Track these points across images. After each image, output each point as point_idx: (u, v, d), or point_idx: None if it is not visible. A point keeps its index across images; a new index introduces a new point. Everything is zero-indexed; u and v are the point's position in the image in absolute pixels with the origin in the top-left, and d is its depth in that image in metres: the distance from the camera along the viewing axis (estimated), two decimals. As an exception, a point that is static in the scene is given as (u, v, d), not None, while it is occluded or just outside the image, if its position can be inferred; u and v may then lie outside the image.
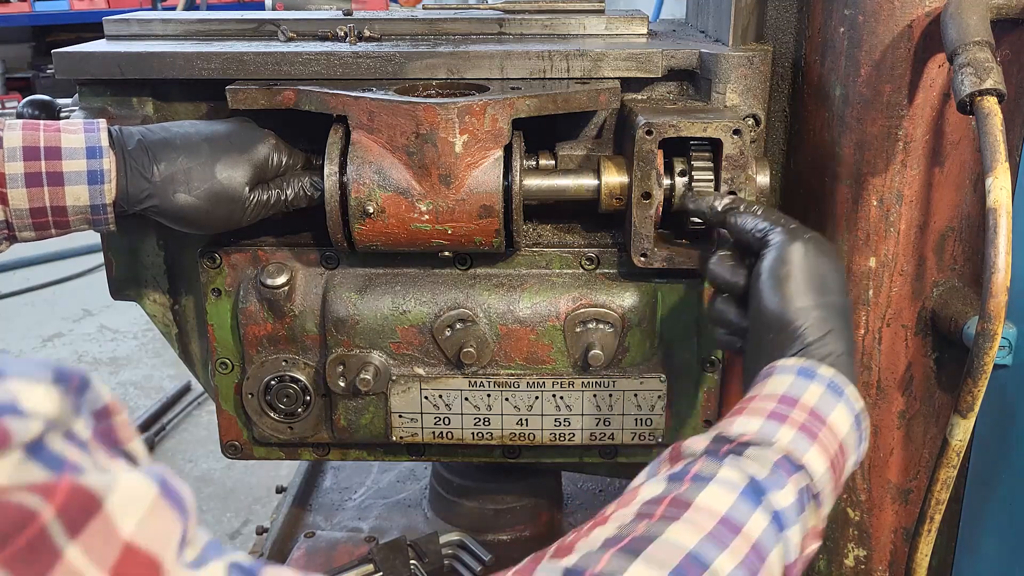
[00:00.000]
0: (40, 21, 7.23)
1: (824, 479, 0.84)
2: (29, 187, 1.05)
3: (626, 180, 1.16)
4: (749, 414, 0.87)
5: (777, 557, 0.78)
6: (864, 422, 0.91)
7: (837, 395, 0.88)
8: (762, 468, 0.81)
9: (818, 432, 0.85)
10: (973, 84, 0.93)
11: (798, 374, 0.89)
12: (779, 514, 0.79)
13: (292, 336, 1.25)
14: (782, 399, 0.87)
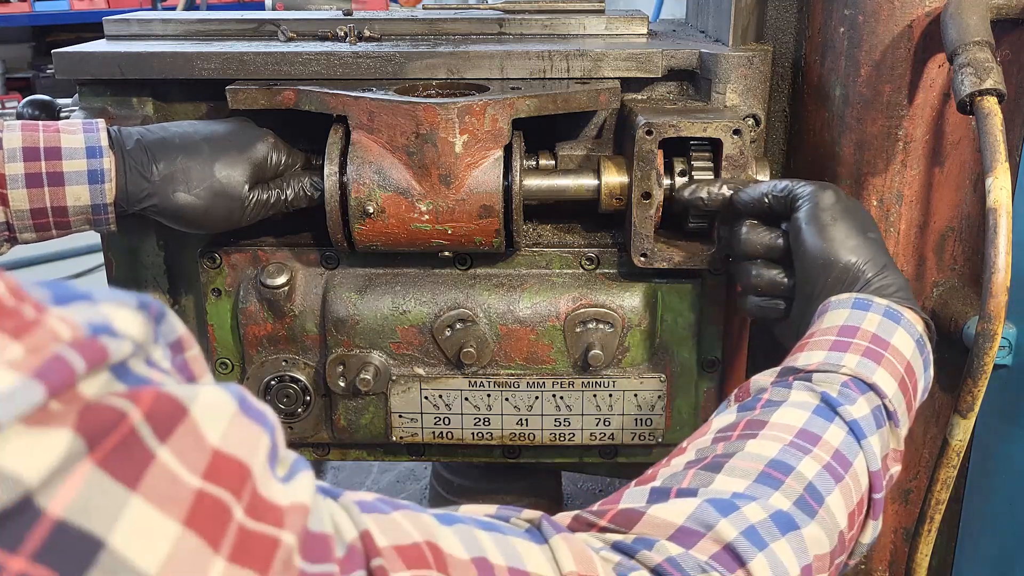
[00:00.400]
0: (40, 21, 7.23)
1: (897, 398, 0.85)
2: (29, 188, 1.05)
3: (626, 180, 1.16)
4: (811, 348, 0.88)
5: (860, 464, 0.79)
6: (927, 347, 0.92)
7: (895, 321, 0.90)
8: (832, 389, 0.82)
9: (883, 355, 0.86)
10: (973, 84, 0.93)
11: (853, 306, 0.91)
12: (855, 424, 0.80)
13: (292, 336, 1.25)
14: (842, 330, 0.89)
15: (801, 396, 0.82)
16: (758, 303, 1.06)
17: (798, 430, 0.78)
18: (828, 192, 0.99)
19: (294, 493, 0.49)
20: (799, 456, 0.76)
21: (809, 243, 0.97)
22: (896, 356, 0.88)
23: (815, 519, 0.73)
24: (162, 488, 0.42)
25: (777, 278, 1.03)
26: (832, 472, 0.77)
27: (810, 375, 0.85)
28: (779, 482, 0.74)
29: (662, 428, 1.27)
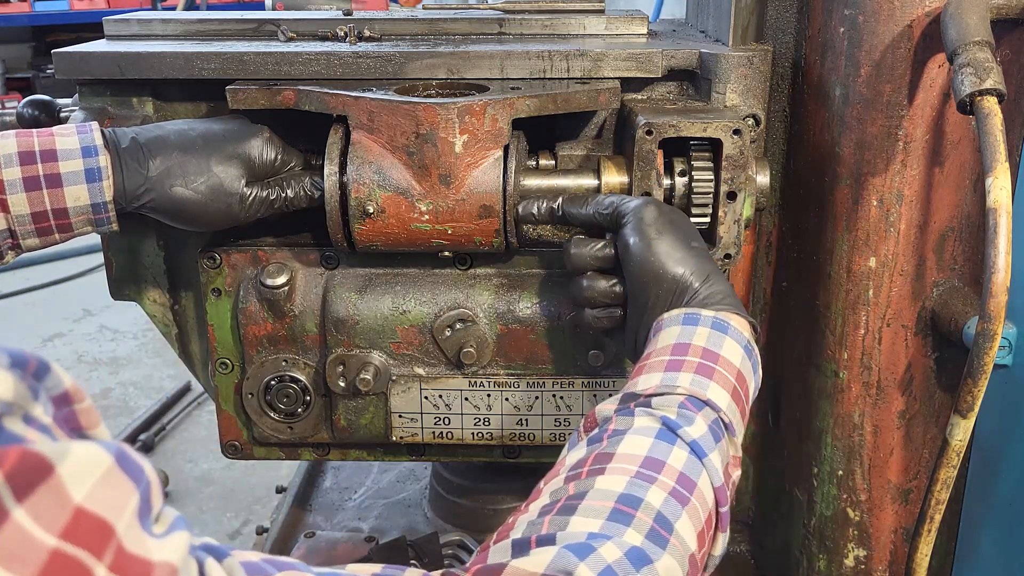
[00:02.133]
0: (40, 21, 7.23)
1: (731, 409, 0.90)
2: (28, 191, 1.05)
3: (626, 180, 1.16)
4: (648, 371, 0.92)
5: (704, 482, 0.83)
6: (754, 351, 0.97)
7: (723, 331, 0.94)
8: (671, 411, 0.86)
9: (714, 368, 0.91)
10: (973, 84, 0.93)
11: (683, 322, 0.95)
12: (695, 444, 0.84)
13: (292, 336, 1.25)
14: (675, 348, 0.93)
15: (643, 422, 0.86)
16: (594, 314, 1.09)
17: (643, 459, 0.82)
18: (651, 207, 1.03)
19: (166, 550, 0.49)
20: (646, 487, 0.79)
21: (637, 257, 1.01)
22: (727, 367, 0.92)
23: (667, 550, 0.76)
24: (11, 547, 0.41)
25: (610, 287, 1.06)
26: (678, 497, 0.80)
27: (649, 400, 0.88)
28: (630, 517, 0.77)
29: (662, 428, 1.27)
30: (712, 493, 0.83)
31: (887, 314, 1.17)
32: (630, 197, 1.06)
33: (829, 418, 1.24)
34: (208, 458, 3.23)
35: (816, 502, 1.30)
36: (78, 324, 4.46)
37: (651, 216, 1.02)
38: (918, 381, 1.20)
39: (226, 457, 1.36)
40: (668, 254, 0.99)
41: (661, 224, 1.01)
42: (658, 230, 1.01)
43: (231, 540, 2.81)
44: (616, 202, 1.06)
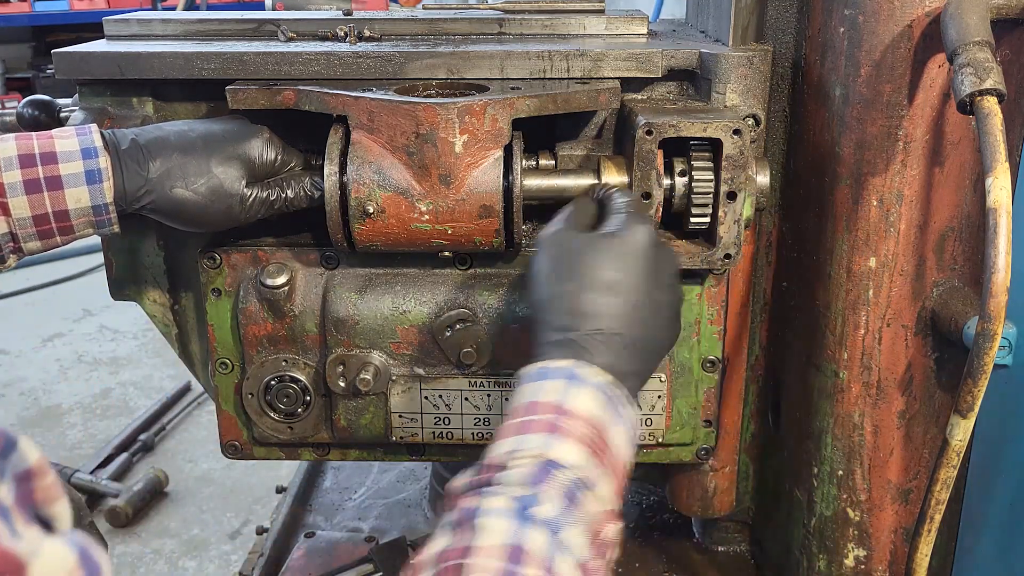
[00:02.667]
0: (40, 21, 7.23)
1: (587, 464, 0.86)
2: (29, 194, 1.05)
3: (626, 180, 1.16)
4: (502, 435, 0.90)
5: (564, 563, 0.80)
6: (616, 391, 0.92)
7: (573, 381, 0.91)
8: (522, 486, 0.83)
9: (559, 425, 0.87)
10: (973, 84, 0.93)
11: (536, 378, 0.92)
12: (550, 523, 0.81)
13: (292, 336, 1.25)
14: (527, 408, 0.90)
15: (497, 503, 0.82)
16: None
17: (507, 550, 0.78)
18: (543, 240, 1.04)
19: None
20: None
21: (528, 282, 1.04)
22: (579, 421, 0.88)
23: None
24: None
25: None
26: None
27: (495, 474, 0.86)
28: None
29: (662, 428, 1.27)
30: (577, 572, 0.81)
31: (887, 314, 1.17)
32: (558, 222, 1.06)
33: (829, 418, 1.24)
34: (208, 458, 3.23)
35: (816, 502, 1.30)
36: (78, 324, 4.46)
37: (542, 247, 1.03)
38: (918, 381, 1.20)
39: (226, 457, 1.36)
40: (536, 292, 1.00)
41: (543, 258, 1.02)
42: (537, 265, 1.02)
43: (231, 540, 2.81)
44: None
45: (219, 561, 2.71)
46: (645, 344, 0.97)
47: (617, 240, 0.99)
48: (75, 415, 3.58)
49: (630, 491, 1.78)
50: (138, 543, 2.78)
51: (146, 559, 2.72)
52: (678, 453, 1.33)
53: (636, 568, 1.56)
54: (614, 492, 0.88)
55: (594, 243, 0.99)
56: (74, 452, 3.31)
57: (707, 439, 1.31)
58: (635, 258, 0.98)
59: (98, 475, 3.04)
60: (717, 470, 1.41)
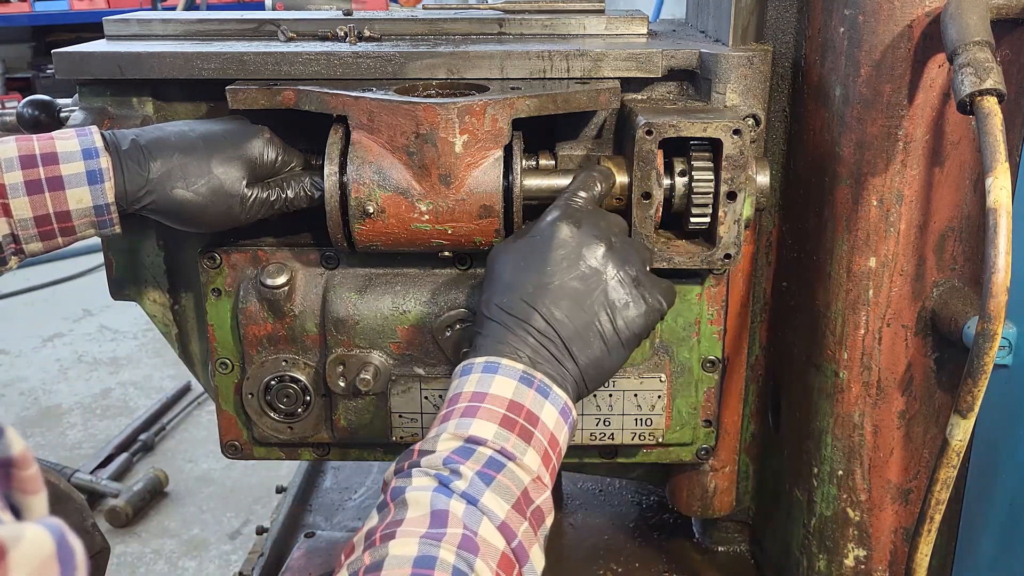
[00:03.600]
0: (40, 21, 7.23)
1: (506, 437, 0.93)
2: (30, 195, 1.05)
3: (626, 180, 1.16)
4: (433, 426, 0.97)
5: (486, 527, 0.86)
6: (535, 373, 0.99)
7: (492, 371, 0.98)
8: (444, 465, 0.90)
9: (479, 407, 0.95)
10: (973, 84, 0.93)
11: (459, 375, 1.01)
12: (466, 493, 0.87)
13: (292, 336, 1.25)
14: (450, 400, 0.99)
15: (422, 482, 0.89)
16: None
17: (430, 517, 0.85)
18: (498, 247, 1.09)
19: None
20: (436, 545, 0.82)
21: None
22: (494, 402, 0.95)
23: None
24: None
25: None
26: (469, 547, 0.83)
27: (420, 459, 0.92)
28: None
29: (662, 428, 1.27)
30: (498, 534, 0.86)
31: (887, 314, 1.17)
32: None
33: (829, 418, 1.24)
34: (208, 458, 3.23)
35: (816, 502, 1.30)
36: (78, 324, 4.46)
37: (493, 254, 1.08)
38: (918, 381, 1.20)
39: (226, 457, 1.36)
40: (483, 295, 1.06)
41: (491, 266, 1.07)
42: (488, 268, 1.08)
43: (231, 540, 2.81)
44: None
45: (219, 561, 2.71)
46: (562, 332, 1.02)
47: (520, 241, 1.07)
48: (75, 415, 3.58)
49: (630, 491, 1.79)
50: (138, 543, 2.78)
51: (146, 559, 2.72)
52: (678, 453, 1.33)
53: (636, 568, 1.56)
54: (540, 463, 0.94)
55: (502, 249, 1.08)
56: (74, 452, 3.31)
57: (707, 439, 1.31)
58: (531, 252, 1.05)
59: (98, 475, 3.05)
60: (717, 470, 1.41)
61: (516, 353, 1.00)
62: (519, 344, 1.00)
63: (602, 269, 1.05)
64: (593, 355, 1.03)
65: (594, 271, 1.04)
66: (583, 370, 1.02)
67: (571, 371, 1.01)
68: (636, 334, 1.06)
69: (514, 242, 1.08)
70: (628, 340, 1.05)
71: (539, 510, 0.92)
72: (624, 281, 1.05)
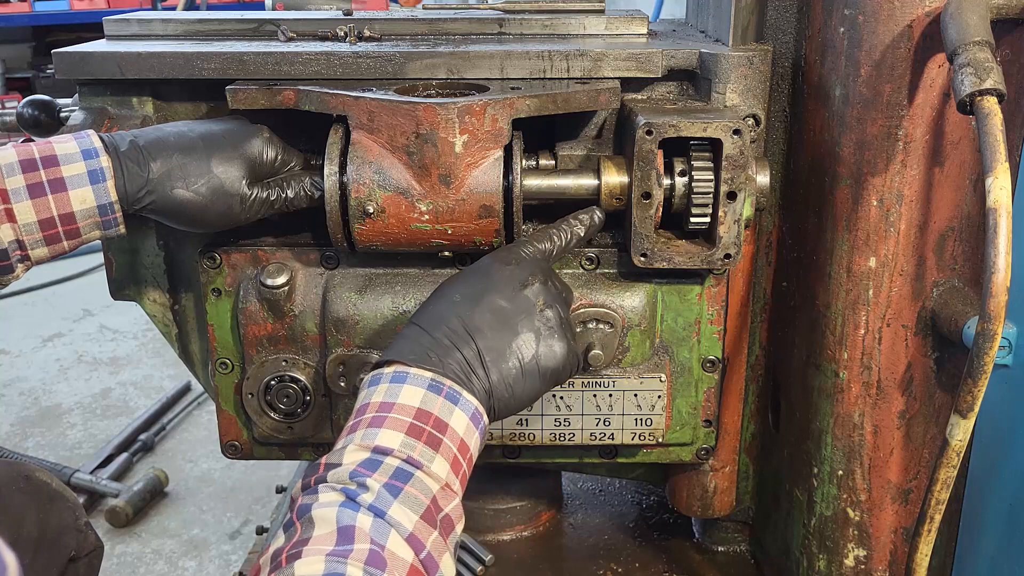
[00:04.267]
0: (40, 21, 7.22)
1: (412, 446, 0.92)
2: (33, 198, 1.05)
3: (626, 180, 1.16)
4: (342, 435, 0.95)
5: (395, 540, 0.85)
6: (444, 385, 0.97)
7: (400, 382, 0.97)
8: (350, 479, 0.88)
9: (386, 416, 0.94)
10: (973, 84, 0.93)
11: (368, 385, 0.99)
12: (373, 506, 0.86)
13: (292, 336, 1.25)
14: (358, 412, 0.97)
15: (327, 497, 0.87)
16: None
17: (336, 534, 0.83)
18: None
19: None
20: (343, 562, 0.80)
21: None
22: (402, 411, 0.94)
23: None
24: None
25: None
26: (376, 562, 0.82)
27: (326, 473, 0.90)
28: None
29: (662, 428, 1.27)
30: (406, 546, 0.85)
31: (887, 314, 1.17)
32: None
33: (829, 418, 1.24)
34: (208, 458, 3.23)
35: (816, 502, 1.30)
36: (78, 324, 4.46)
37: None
38: (918, 381, 1.20)
39: (226, 457, 1.36)
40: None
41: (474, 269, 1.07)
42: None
43: (231, 540, 2.81)
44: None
45: (219, 561, 2.70)
46: (479, 341, 1.00)
47: (466, 269, 1.09)
48: (75, 415, 3.58)
49: (630, 491, 1.79)
50: (138, 543, 2.78)
51: (146, 559, 2.72)
52: (678, 453, 1.33)
53: (636, 568, 1.56)
54: (449, 469, 0.93)
55: (449, 277, 1.09)
56: (74, 452, 3.31)
57: (707, 439, 1.31)
58: (470, 273, 1.06)
59: (98, 475, 3.04)
60: (717, 470, 1.41)
61: (427, 356, 0.98)
62: (432, 347, 0.99)
63: (534, 299, 1.05)
64: (508, 373, 1.01)
65: (525, 298, 1.04)
66: (494, 386, 1.00)
67: (481, 382, 0.99)
68: (554, 369, 1.04)
69: (461, 273, 1.09)
70: (544, 372, 1.03)
71: (448, 518, 0.91)
72: (553, 318, 1.05)
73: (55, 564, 1.29)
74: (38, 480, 1.31)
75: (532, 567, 1.56)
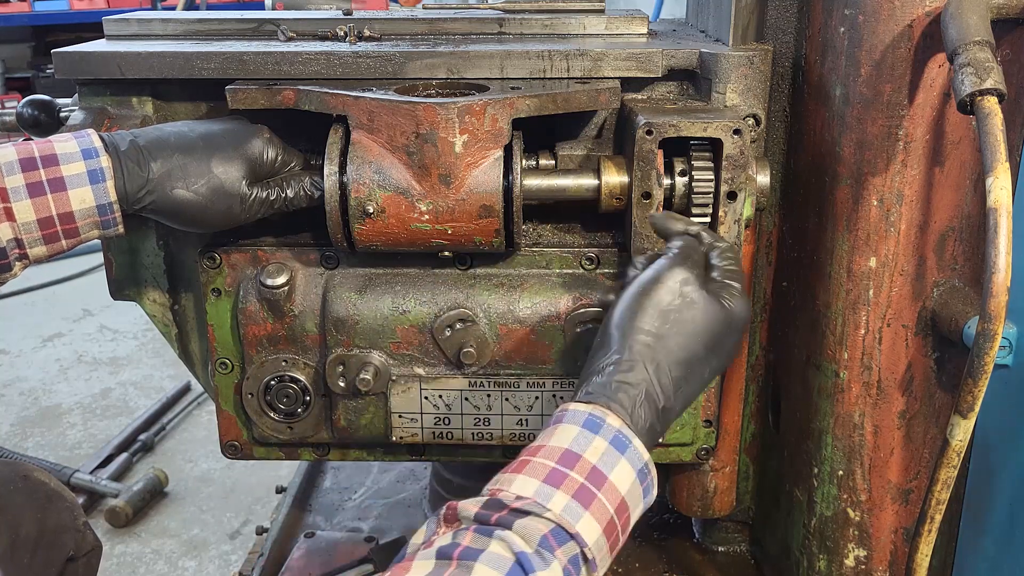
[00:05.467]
0: (40, 21, 7.22)
1: (598, 545, 0.84)
2: (33, 197, 1.05)
3: (626, 180, 1.16)
4: (529, 473, 0.86)
5: None
6: (651, 473, 0.91)
7: (621, 450, 0.88)
8: (529, 543, 0.80)
9: (595, 495, 0.85)
10: (973, 84, 0.93)
11: (584, 425, 0.88)
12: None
13: (292, 336, 1.25)
14: (564, 456, 0.87)
15: (497, 550, 0.79)
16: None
17: None
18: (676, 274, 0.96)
19: None
20: None
21: (615, 301, 0.98)
22: (610, 494, 0.86)
23: None
24: None
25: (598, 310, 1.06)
26: None
27: (513, 518, 0.82)
28: None
29: (662, 428, 1.27)
30: None
31: (887, 314, 1.17)
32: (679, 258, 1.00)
33: (829, 418, 1.24)
34: (208, 458, 3.23)
35: (816, 502, 1.30)
36: (78, 324, 4.46)
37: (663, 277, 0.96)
38: (918, 381, 1.19)
39: (226, 457, 1.36)
40: (625, 316, 0.94)
41: (657, 289, 0.95)
42: (644, 291, 0.95)
43: (231, 540, 2.81)
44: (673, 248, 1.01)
45: (219, 561, 2.70)
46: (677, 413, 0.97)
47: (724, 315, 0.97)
48: (75, 415, 3.58)
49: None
50: (138, 543, 2.78)
51: (146, 559, 2.72)
52: (678, 453, 1.33)
53: (636, 568, 1.56)
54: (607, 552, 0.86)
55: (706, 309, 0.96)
56: (74, 452, 3.31)
57: (707, 439, 1.31)
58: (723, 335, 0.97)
59: (98, 475, 3.04)
60: (717, 470, 1.40)
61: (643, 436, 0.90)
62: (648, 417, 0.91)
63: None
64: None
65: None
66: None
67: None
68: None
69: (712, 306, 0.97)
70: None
71: None
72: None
73: (53, 564, 1.29)
74: (36, 480, 1.31)
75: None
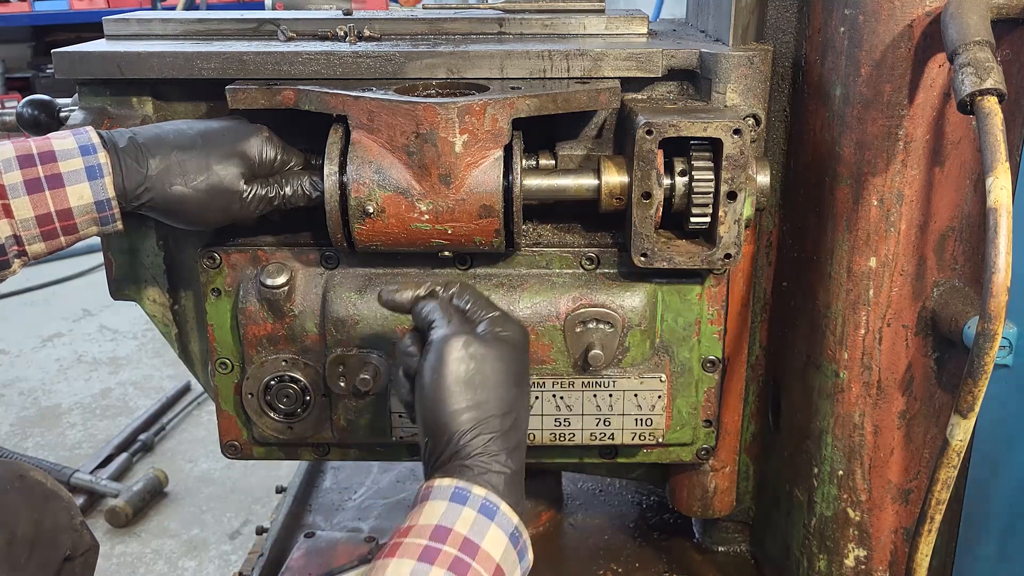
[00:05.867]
0: (40, 21, 7.22)
1: None
2: (31, 193, 1.05)
3: (626, 180, 1.16)
4: (402, 554, 0.86)
5: None
6: (522, 536, 0.92)
7: (489, 516, 0.89)
8: None
9: (470, 565, 0.85)
10: (973, 84, 0.93)
11: (451, 499, 0.89)
12: None
13: (292, 336, 1.25)
14: (435, 531, 0.87)
15: None
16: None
17: None
18: (454, 342, 0.95)
19: None
20: None
21: (417, 394, 0.97)
22: (485, 562, 0.87)
23: None
24: None
25: (407, 397, 1.02)
26: None
27: None
28: None
29: (662, 428, 1.27)
30: None
31: (887, 314, 1.17)
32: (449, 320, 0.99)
33: (829, 418, 1.24)
34: (208, 458, 3.22)
35: (816, 502, 1.30)
36: (78, 324, 4.46)
37: (445, 354, 0.95)
38: (918, 381, 1.19)
39: (226, 457, 1.36)
40: (440, 403, 0.93)
41: (449, 366, 0.94)
42: (440, 373, 0.94)
43: (231, 540, 2.81)
44: (432, 321, 1.00)
45: (219, 561, 2.70)
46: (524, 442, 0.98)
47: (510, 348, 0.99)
48: (75, 415, 3.58)
49: (630, 491, 1.79)
50: (138, 543, 2.78)
51: (146, 559, 2.71)
52: (678, 453, 1.33)
53: (636, 568, 1.56)
54: None
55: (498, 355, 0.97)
56: (74, 452, 3.31)
57: (707, 439, 1.31)
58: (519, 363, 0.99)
59: (98, 475, 3.04)
60: (717, 470, 1.41)
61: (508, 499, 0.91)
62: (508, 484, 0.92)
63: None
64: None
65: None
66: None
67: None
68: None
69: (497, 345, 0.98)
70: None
71: None
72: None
73: (50, 564, 1.28)
74: (32, 480, 1.31)
75: (532, 567, 1.56)
